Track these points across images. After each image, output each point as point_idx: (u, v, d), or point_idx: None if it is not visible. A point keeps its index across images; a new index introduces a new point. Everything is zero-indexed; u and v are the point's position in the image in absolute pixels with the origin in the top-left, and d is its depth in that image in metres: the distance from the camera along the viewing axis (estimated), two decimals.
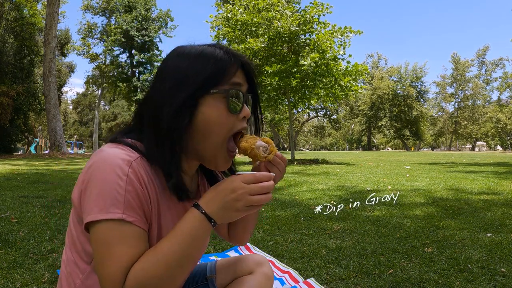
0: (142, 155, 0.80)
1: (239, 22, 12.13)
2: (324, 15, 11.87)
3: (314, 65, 11.25)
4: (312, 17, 11.71)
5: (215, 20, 13.07)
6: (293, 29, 11.27)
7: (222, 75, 0.83)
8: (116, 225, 0.73)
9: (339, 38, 11.95)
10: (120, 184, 0.74)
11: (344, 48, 12.14)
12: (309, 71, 11.38)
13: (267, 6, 11.89)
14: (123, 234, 0.73)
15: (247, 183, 0.77)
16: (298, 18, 11.54)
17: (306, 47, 11.92)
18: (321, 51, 11.56)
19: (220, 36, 13.00)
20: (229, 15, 12.30)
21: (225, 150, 0.86)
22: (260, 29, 11.83)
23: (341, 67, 11.90)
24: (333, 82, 12.06)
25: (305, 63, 11.01)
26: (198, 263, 1.14)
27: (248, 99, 0.90)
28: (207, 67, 0.82)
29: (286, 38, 11.66)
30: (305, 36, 12.10)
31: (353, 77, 12.15)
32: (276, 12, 11.68)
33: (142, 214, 0.77)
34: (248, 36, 12.22)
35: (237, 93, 0.84)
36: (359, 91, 12.49)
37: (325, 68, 11.61)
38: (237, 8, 12.20)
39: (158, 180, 0.82)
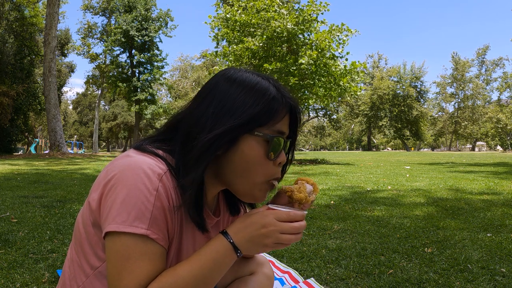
0: (171, 169, 0.77)
1: (238, 23, 12.14)
2: (322, 13, 11.87)
3: (312, 63, 11.24)
4: (310, 15, 11.71)
5: (213, 21, 13.08)
6: (289, 27, 11.25)
7: (270, 118, 0.80)
8: (138, 240, 0.70)
9: (337, 35, 11.94)
10: (148, 197, 0.71)
11: (343, 46, 12.14)
12: (307, 70, 11.37)
13: (265, 7, 11.90)
14: (143, 250, 0.70)
15: (279, 220, 0.75)
16: (295, 16, 11.54)
17: (304, 46, 11.91)
18: (319, 49, 11.55)
19: (219, 36, 13.01)
20: (228, 15, 12.30)
21: (265, 189, 0.84)
22: (258, 30, 11.84)
23: (339, 67, 11.88)
24: (332, 83, 12.05)
25: (303, 61, 11.00)
26: None
27: (287, 146, 0.89)
28: (259, 104, 0.79)
29: (285, 38, 11.65)
30: (303, 35, 12.09)
31: (352, 76, 12.13)
32: (274, 12, 11.69)
33: (165, 232, 0.74)
34: (247, 37, 12.22)
35: (279, 143, 0.82)
36: (358, 92, 12.45)
37: (324, 68, 11.60)
38: (235, 9, 12.20)
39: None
